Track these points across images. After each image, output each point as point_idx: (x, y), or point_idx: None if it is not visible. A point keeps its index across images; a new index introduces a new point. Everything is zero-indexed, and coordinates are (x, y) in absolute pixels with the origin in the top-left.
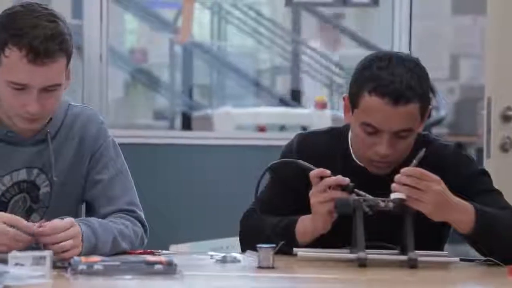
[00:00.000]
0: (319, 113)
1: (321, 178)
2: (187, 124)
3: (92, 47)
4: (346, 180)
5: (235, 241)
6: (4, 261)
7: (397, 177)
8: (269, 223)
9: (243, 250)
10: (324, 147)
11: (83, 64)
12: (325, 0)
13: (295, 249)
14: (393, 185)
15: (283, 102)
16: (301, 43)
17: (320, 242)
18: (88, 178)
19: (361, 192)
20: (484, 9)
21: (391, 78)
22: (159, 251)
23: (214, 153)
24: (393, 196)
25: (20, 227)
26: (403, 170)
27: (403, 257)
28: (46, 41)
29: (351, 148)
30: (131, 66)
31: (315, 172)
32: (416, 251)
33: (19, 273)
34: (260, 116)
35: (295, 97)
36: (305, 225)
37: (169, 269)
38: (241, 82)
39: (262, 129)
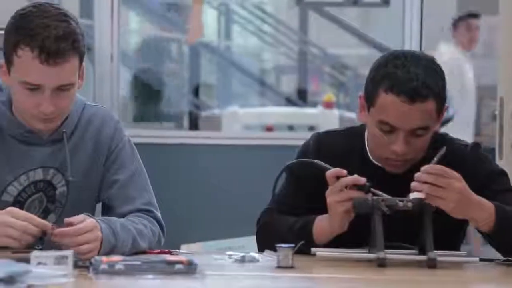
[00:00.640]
0: (327, 113)
1: (338, 178)
2: (194, 124)
3: (103, 47)
4: (363, 179)
5: (246, 240)
6: (26, 261)
7: (417, 175)
8: (286, 222)
9: (260, 250)
10: (341, 146)
11: (94, 64)
12: (336, 0)
13: (313, 249)
14: (413, 184)
15: (289, 102)
16: (308, 42)
17: (336, 241)
18: (104, 178)
19: (378, 192)
20: (489, 9)
21: (407, 76)
22: (177, 250)
23: (222, 153)
24: (412, 196)
25: (35, 223)
26: (423, 168)
27: (422, 257)
28: (58, 41)
29: (367, 148)
30: (137, 65)
31: (331, 172)
32: (435, 251)
33: (42, 272)
34: (268, 116)
35: (301, 97)
36: (322, 225)
37: (190, 268)
38: (246, 82)
39: (269, 129)
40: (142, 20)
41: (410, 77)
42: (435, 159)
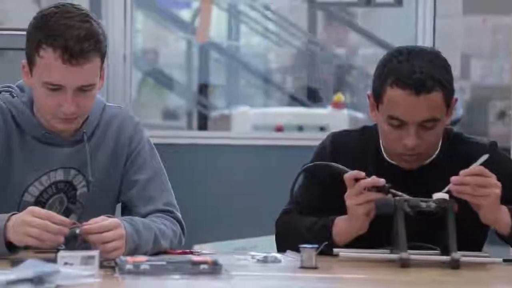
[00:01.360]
0: (336, 113)
1: (356, 180)
2: (203, 124)
3: (116, 48)
4: (382, 181)
5: (259, 241)
6: (52, 260)
7: (458, 178)
8: (306, 223)
9: (280, 250)
10: (357, 146)
11: (107, 65)
12: (349, 0)
13: (336, 250)
14: (454, 187)
15: (299, 102)
16: (317, 43)
17: (353, 241)
18: (124, 178)
19: (397, 193)
20: (494, 9)
21: (411, 69)
22: (199, 251)
23: (232, 153)
24: (435, 196)
25: (54, 221)
26: (463, 171)
27: (445, 258)
28: (80, 41)
29: (381, 146)
30: (144, 66)
31: (350, 174)
32: (458, 252)
33: (70, 272)
34: (277, 116)
35: (311, 97)
36: (341, 226)
37: (215, 269)
38: (255, 82)
39: (279, 129)
40: (149, 19)
41: (414, 70)
42: (477, 162)
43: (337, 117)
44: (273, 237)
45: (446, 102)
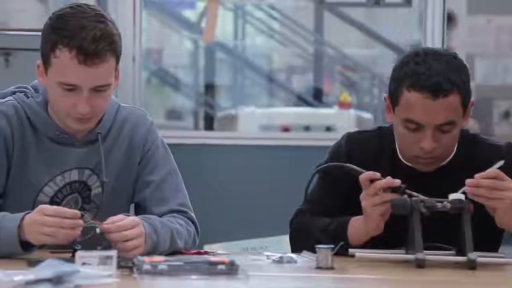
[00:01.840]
0: (343, 113)
1: (371, 181)
2: (209, 124)
3: (125, 48)
4: (397, 181)
5: (269, 241)
6: (68, 260)
7: (473, 180)
8: (320, 224)
9: (294, 250)
10: (373, 147)
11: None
12: (358, 0)
13: (351, 250)
14: (469, 189)
15: (305, 102)
16: (324, 43)
17: (369, 242)
18: (138, 179)
19: (413, 193)
20: (498, 9)
21: (428, 72)
22: (214, 251)
23: (239, 153)
24: (451, 196)
25: (65, 216)
26: (479, 174)
27: (462, 258)
28: (95, 41)
29: (397, 148)
30: (148, 66)
31: (365, 175)
32: (474, 252)
33: (89, 272)
34: (284, 116)
35: (316, 96)
36: (357, 227)
37: (232, 269)
38: (261, 82)
39: (286, 129)
40: (153, 19)
41: (431, 73)
42: (494, 167)
43: (343, 117)
44: (283, 237)
45: (463, 104)
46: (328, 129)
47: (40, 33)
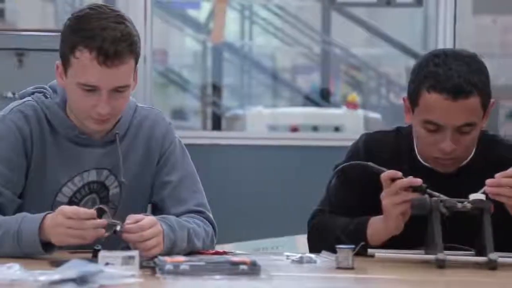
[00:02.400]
0: (351, 113)
1: (393, 180)
2: (217, 124)
3: None
4: (419, 181)
5: (281, 241)
6: (91, 260)
7: (494, 180)
8: (339, 223)
9: (312, 250)
10: (391, 147)
11: None
12: (369, 0)
13: (370, 250)
14: (490, 189)
15: (312, 102)
16: (331, 42)
17: (387, 242)
18: (156, 179)
19: (434, 193)
20: (504, 9)
21: (448, 73)
22: (232, 251)
23: (247, 153)
24: (472, 197)
25: (84, 217)
26: (500, 173)
27: (482, 259)
28: (116, 43)
29: (416, 149)
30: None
31: (386, 174)
32: (495, 253)
33: (112, 272)
34: (292, 116)
35: (324, 96)
36: (376, 226)
37: (254, 269)
38: (268, 82)
39: (294, 129)
40: (158, 18)
41: (451, 74)
42: None
43: (352, 117)
44: (295, 237)
45: (483, 105)
46: (337, 129)
47: (52, 34)
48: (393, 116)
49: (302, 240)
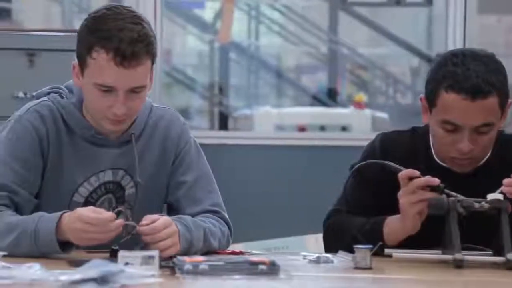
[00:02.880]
0: (358, 113)
1: (410, 179)
2: (224, 124)
3: None
4: (437, 180)
5: (290, 241)
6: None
7: (511, 180)
8: (356, 223)
9: (328, 250)
10: (407, 147)
11: None
12: (379, 0)
13: (387, 250)
14: (507, 189)
15: (319, 102)
16: (338, 42)
17: (403, 242)
18: (171, 179)
19: (452, 193)
20: (509, 9)
21: (467, 73)
22: (249, 251)
23: (255, 153)
24: (489, 196)
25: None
26: None
27: (500, 259)
28: (133, 43)
29: (432, 148)
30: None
31: (404, 173)
32: None
33: (133, 272)
34: (300, 116)
35: (331, 96)
36: (393, 226)
37: (273, 269)
38: (274, 82)
39: (302, 129)
40: (166, 18)
41: (470, 74)
42: None
43: (359, 117)
44: (305, 237)
45: (501, 105)
46: (344, 129)
47: (60, 34)
48: (399, 115)
49: (311, 240)
